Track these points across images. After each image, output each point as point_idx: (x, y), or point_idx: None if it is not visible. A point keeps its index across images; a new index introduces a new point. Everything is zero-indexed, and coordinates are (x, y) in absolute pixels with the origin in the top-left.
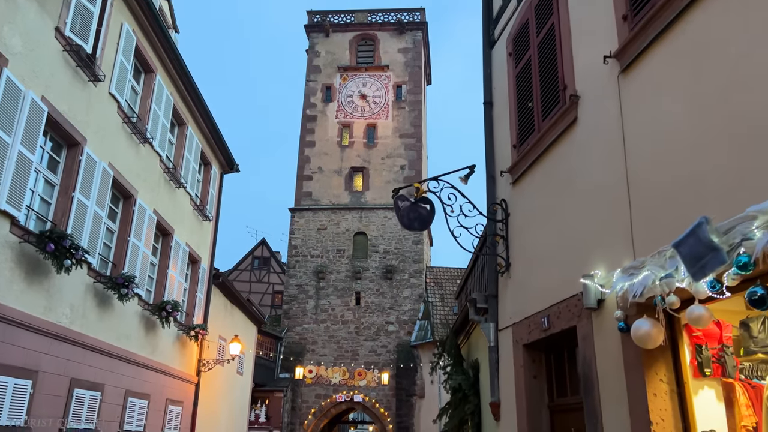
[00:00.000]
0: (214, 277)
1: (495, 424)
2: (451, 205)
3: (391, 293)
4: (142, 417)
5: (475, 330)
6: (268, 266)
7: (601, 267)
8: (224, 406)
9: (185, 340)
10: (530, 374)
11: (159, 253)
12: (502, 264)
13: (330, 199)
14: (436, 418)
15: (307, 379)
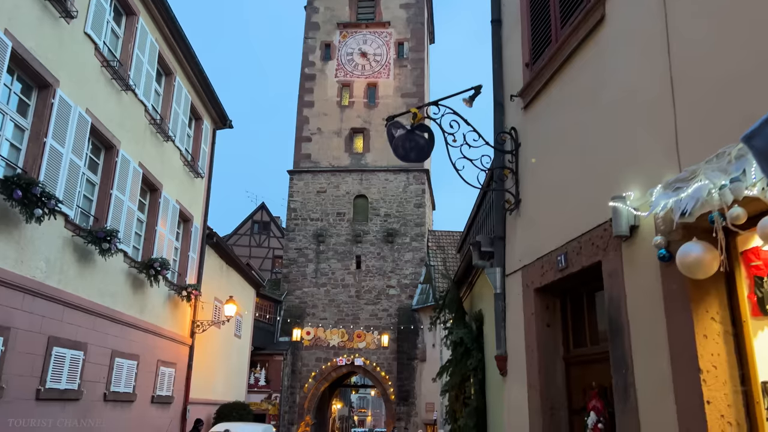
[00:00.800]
0: (208, 237)
1: (501, 379)
2: (453, 133)
3: (393, 257)
4: (131, 378)
5: (479, 280)
6: (268, 231)
7: (635, 187)
8: (221, 369)
9: (177, 301)
10: (543, 322)
11: (147, 209)
12: (511, 201)
13: (329, 161)
14: (436, 377)
15: (305, 341)
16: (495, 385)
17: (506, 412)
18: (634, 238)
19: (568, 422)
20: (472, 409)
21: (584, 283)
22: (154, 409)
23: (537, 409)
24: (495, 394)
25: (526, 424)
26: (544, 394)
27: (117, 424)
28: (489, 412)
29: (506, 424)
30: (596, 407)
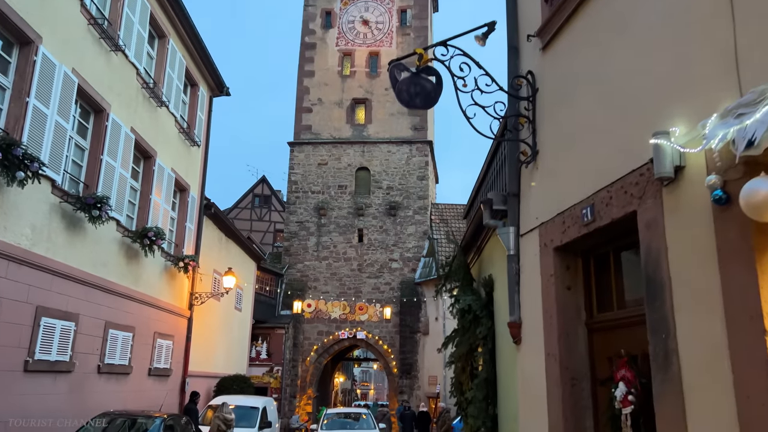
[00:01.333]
0: (206, 208)
1: (514, 348)
2: (463, 77)
3: (395, 230)
4: (126, 350)
5: (489, 243)
6: (269, 204)
7: (681, 122)
8: (222, 342)
9: (174, 272)
10: (563, 285)
11: (140, 177)
12: (527, 152)
13: (330, 132)
14: (441, 347)
15: (306, 313)
16: (507, 354)
17: (520, 384)
18: (678, 180)
19: (591, 394)
20: (481, 381)
21: (612, 239)
22: (152, 382)
23: (556, 380)
24: (507, 365)
25: (543, 396)
26: (564, 363)
27: (112, 397)
28: (499, 383)
29: (520, 397)
30: (626, 377)
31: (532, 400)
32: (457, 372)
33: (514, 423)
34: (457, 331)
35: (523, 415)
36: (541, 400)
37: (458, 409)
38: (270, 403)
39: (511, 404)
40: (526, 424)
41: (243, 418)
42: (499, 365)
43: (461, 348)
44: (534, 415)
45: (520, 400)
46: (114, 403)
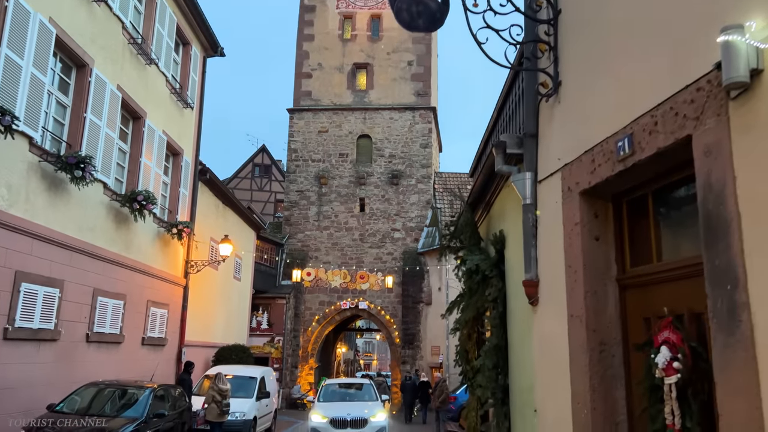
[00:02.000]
0: (201, 173)
1: (529, 310)
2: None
3: (397, 199)
4: (117, 318)
5: (499, 196)
6: (270, 174)
7: (758, 14)
8: (221, 311)
9: (167, 239)
10: (590, 235)
11: (129, 139)
12: (548, 84)
13: (331, 98)
14: (445, 313)
15: (306, 282)
16: (520, 318)
17: (536, 350)
18: (754, 89)
19: (622, 361)
20: (490, 348)
21: (653, 178)
22: (146, 352)
23: (581, 344)
24: (520, 330)
25: (565, 364)
26: (590, 325)
27: (103, 367)
28: (511, 350)
29: (537, 365)
30: (669, 341)
31: (551, 368)
32: (463, 339)
33: (528, 394)
34: (463, 294)
35: (541, 386)
36: (563, 368)
37: (463, 378)
38: (269, 373)
39: (525, 373)
40: (544, 396)
41: (240, 388)
42: (510, 330)
43: (467, 313)
44: (554, 385)
45: (536, 368)
46: (105, 373)
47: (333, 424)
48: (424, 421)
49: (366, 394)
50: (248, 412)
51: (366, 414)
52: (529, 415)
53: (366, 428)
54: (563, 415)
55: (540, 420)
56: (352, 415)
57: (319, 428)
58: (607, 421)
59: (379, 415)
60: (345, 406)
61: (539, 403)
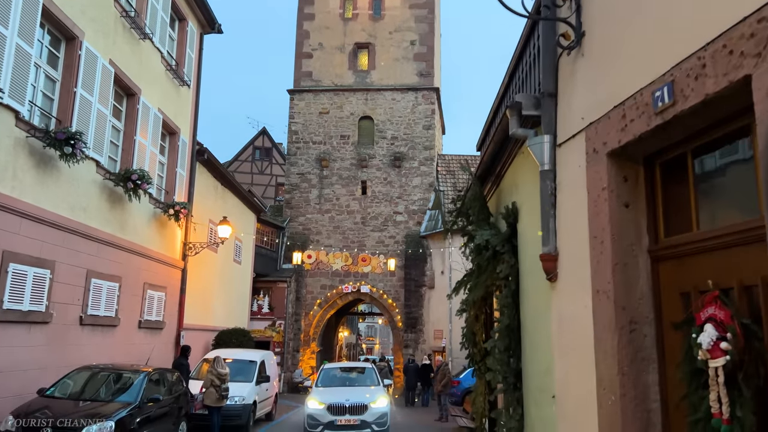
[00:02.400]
0: (198, 153)
1: (547, 287)
2: None
3: (400, 182)
4: (112, 301)
5: (512, 166)
6: (270, 157)
7: None
8: (220, 295)
9: (164, 220)
10: (619, 202)
11: (123, 116)
12: (570, 35)
13: (332, 79)
14: (451, 293)
15: (306, 264)
16: (536, 296)
17: (555, 331)
18: None
19: (655, 341)
20: (502, 329)
21: (696, 133)
22: (143, 335)
23: (608, 323)
24: (535, 309)
25: (590, 346)
26: (619, 302)
27: (98, 350)
28: (524, 331)
29: (555, 347)
30: (716, 318)
31: (572, 350)
32: (470, 321)
33: (545, 378)
34: (471, 273)
35: (560, 370)
36: (586, 350)
37: (470, 362)
38: (269, 357)
39: (541, 356)
40: (564, 381)
41: (240, 372)
42: (524, 310)
43: (476, 292)
44: (575, 369)
45: (555, 351)
46: (100, 357)
47: (330, 410)
48: (426, 404)
49: (367, 378)
50: (248, 396)
51: (366, 399)
52: (545, 401)
53: (366, 414)
54: (586, 402)
55: (559, 407)
56: (351, 400)
57: (315, 415)
58: (637, 409)
59: (380, 401)
60: (344, 392)
61: (558, 389)
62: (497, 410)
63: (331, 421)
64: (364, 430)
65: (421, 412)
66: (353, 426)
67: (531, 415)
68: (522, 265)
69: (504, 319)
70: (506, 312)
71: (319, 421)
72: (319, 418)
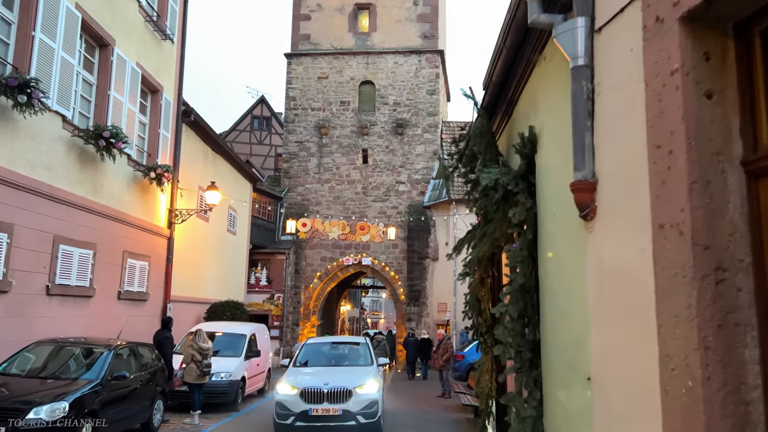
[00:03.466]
0: (184, 115)
1: (579, 229)
2: None
3: (402, 150)
4: (85, 269)
5: (528, 87)
6: (270, 127)
7: None
8: (213, 266)
9: (145, 185)
10: (698, 89)
11: (96, 69)
12: None
13: (331, 42)
14: (452, 253)
15: (301, 233)
16: (563, 244)
17: (593, 287)
18: None
19: (754, 299)
20: (515, 290)
21: None
22: (123, 307)
23: (681, 272)
24: (560, 261)
25: (648, 307)
26: (698, 239)
27: (69, 322)
28: (544, 292)
29: (592, 310)
30: None
31: (619, 314)
32: (474, 285)
33: (575, 352)
34: (476, 227)
35: (600, 341)
36: (643, 313)
37: (474, 333)
38: (262, 331)
39: (569, 323)
40: (607, 357)
41: (229, 346)
42: (543, 265)
43: (481, 247)
44: (625, 340)
45: (592, 315)
46: (72, 330)
47: (304, 396)
48: (425, 377)
49: (360, 356)
50: (235, 372)
51: (351, 383)
52: (575, 383)
53: (350, 402)
54: (642, 387)
55: (596, 393)
56: (331, 384)
57: (285, 403)
58: (728, 400)
59: (370, 385)
60: (326, 373)
61: (596, 368)
62: (508, 395)
63: (304, 411)
64: (347, 422)
65: (423, 387)
66: (333, 417)
67: (553, 401)
68: (541, 206)
69: (518, 277)
70: (520, 268)
71: (291, 411)
72: (291, 406)
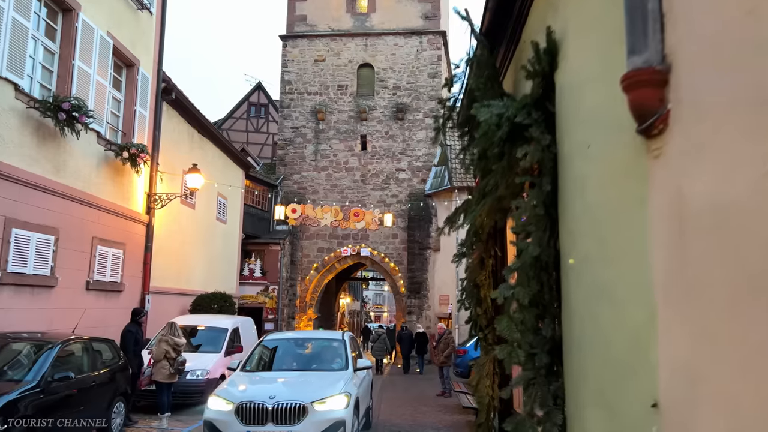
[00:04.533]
0: (165, 92)
1: (631, 160)
2: None
3: (403, 136)
4: (45, 256)
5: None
6: (267, 114)
7: None
8: (200, 256)
9: (118, 166)
10: None
11: (59, 36)
12: None
13: (328, 23)
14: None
15: (291, 220)
16: (598, 191)
17: (662, 251)
18: None
19: None
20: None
21: None
22: (93, 298)
23: None
24: (598, 216)
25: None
26: None
27: (26, 315)
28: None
29: (661, 290)
30: None
31: (722, 292)
32: (472, 267)
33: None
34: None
35: (682, 342)
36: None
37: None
38: (247, 325)
39: (613, 311)
40: (697, 369)
41: (208, 342)
42: (567, 226)
43: (480, 211)
44: (738, 340)
45: (662, 296)
46: (30, 323)
47: (241, 415)
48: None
49: (334, 357)
50: (213, 369)
51: (308, 396)
52: (627, 410)
53: (303, 423)
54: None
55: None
56: (279, 398)
57: (215, 423)
58: None
59: (335, 401)
60: (278, 381)
61: (669, 387)
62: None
63: None
64: None
65: (422, 385)
66: None
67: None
68: (565, 142)
69: (529, 247)
70: (533, 234)
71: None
72: (222, 427)
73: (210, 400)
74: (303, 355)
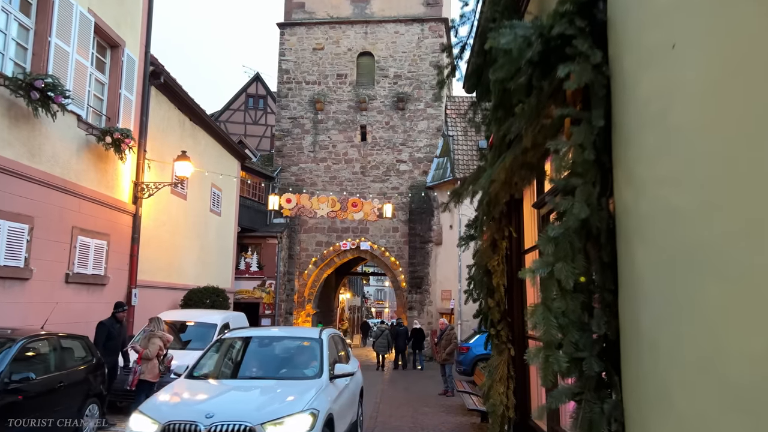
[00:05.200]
0: (153, 76)
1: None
2: None
3: (404, 126)
4: (18, 247)
5: None
6: (265, 106)
7: None
8: (193, 249)
9: (101, 152)
10: None
11: (34, 11)
12: None
13: (327, 10)
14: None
15: (285, 210)
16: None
17: None
18: None
19: None
20: (569, 231)
21: None
22: (72, 292)
23: None
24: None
25: None
26: None
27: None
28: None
29: None
30: None
31: None
32: (482, 250)
33: (755, 370)
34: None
35: None
36: None
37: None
38: (238, 319)
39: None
40: None
41: (197, 337)
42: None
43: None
44: None
45: None
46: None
47: None
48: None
49: (307, 362)
50: None
51: (258, 416)
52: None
53: None
54: None
55: None
56: (219, 418)
57: None
58: None
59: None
60: (225, 393)
61: None
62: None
63: None
64: None
65: (423, 383)
66: None
67: None
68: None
69: (575, 206)
70: (581, 188)
71: None
72: None
73: (132, 419)
74: (268, 358)
